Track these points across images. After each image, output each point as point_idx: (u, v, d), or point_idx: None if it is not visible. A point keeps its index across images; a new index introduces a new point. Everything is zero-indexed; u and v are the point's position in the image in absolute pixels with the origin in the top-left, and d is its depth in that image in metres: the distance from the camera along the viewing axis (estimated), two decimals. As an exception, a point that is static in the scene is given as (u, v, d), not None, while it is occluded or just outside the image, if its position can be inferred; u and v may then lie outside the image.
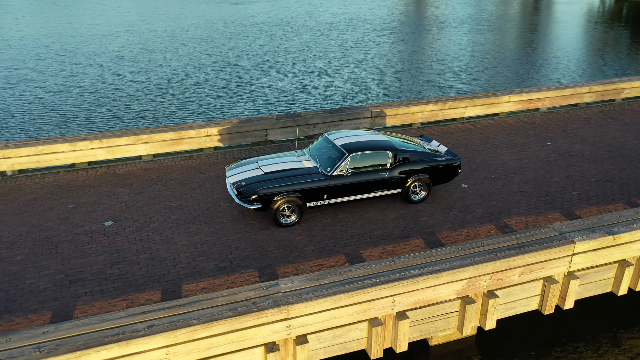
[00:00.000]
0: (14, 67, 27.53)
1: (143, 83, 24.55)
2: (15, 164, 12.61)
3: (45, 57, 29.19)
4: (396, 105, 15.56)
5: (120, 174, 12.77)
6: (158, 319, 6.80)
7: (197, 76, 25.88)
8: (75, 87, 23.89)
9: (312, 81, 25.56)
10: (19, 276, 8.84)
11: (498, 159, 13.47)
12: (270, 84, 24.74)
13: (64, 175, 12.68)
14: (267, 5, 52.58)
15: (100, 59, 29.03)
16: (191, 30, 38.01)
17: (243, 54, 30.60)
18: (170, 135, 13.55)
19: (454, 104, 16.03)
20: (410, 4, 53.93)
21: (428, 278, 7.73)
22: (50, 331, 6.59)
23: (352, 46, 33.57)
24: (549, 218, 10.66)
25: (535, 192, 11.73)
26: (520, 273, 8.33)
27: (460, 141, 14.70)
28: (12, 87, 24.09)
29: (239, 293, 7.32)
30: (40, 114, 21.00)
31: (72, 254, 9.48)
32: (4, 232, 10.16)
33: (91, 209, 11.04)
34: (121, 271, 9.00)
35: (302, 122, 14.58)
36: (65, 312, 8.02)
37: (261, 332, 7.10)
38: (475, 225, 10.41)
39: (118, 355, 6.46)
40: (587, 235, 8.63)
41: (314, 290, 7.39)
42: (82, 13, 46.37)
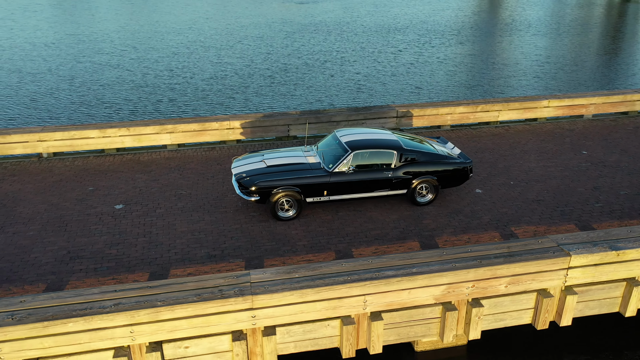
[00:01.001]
0: (78, 60, 29.36)
1: (191, 79, 25.41)
2: (50, 147, 13.47)
3: (108, 52, 30.91)
4: (424, 106, 15.20)
5: (143, 161, 13.32)
6: (126, 298, 7.06)
7: (244, 73, 26.45)
8: (127, 80, 25.12)
9: (357, 82, 25.43)
10: (27, 250, 9.45)
11: (523, 166, 12.84)
12: (315, 84, 24.86)
13: (93, 160, 13.40)
14: (330, 5, 52.85)
15: (157, 54, 30.35)
16: (250, 29, 38.90)
17: (294, 53, 30.94)
18: (194, 127, 13.97)
19: (486, 107, 15.44)
20: (481, 6, 52.40)
21: (402, 280, 7.51)
22: (26, 301, 7.01)
23: (405, 48, 33.07)
24: (560, 229, 10.05)
25: (553, 202, 11.08)
26: (508, 283, 7.92)
27: (488, 145, 14.13)
28: (72, 78, 25.69)
29: (209, 280, 7.45)
30: (91, 103, 22.27)
31: (79, 232, 10.01)
32: (25, 209, 10.89)
33: (107, 193, 11.60)
34: (118, 252, 9.40)
35: (325, 119, 14.57)
36: (58, 285, 8.49)
37: (225, 320, 7.19)
38: (479, 231, 9.99)
39: (83, 329, 6.77)
40: (586, 249, 8.06)
41: (282, 283, 7.39)
42: (153, 10, 48.64)
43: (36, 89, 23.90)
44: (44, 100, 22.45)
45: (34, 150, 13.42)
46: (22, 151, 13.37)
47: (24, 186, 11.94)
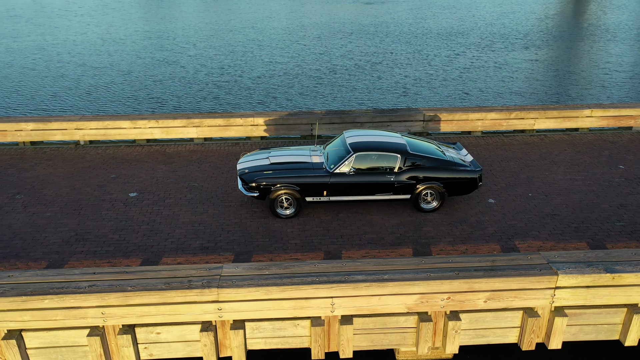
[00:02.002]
0: (140, 56, 30.93)
1: (239, 77, 26.05)
2: (85, 135, 14.34)
3: (169, 48, 32.34)
4: (453, 111, 14.74)
5: (168, 152, 13.86)
6: (101, 281, 7.42)
7: (293, 73, 26.76)
8: (179, 76, 26.17)
9: (404, 85, 25.04)
10: (40, 229, 10.14)
11: (547, 177, 12.14)
12: (359, 86, 24.73)
13: (123, 149, 14.11)
14: (397, 5, 52.32)
15: (214, 52, 31.38)
16: (310, 29, 39.28)
17: (347, 54, 30.91)
18: (219, 122, 14.35)
19: (521, 114, 14.73)
20: (560, 8, 49.93)
21: (371, 286, 7.37)
22: (14, 276, 7.54)
23: (463, 52, 32.13)
24: (568, 247, 9.43)
25: (570, 217, 10.41)
26: (487, 298, 7.55)
27: (516, 154, 13.48)
28: (128, 72, 27.10)
29: (182, 270, 7.67)
30: (140, 97, 23.40)
31: (90, 216, 10.60)
32: (50, 191, 11.66)
33: (127, 181, 12.19)
34: (120, 237, 9.87)
35: (349, 120, 14.49)
36: (59, 264, 9.05)
37: (192, 310, 7.38)
38: (479, 243, 9.58)
39: (57, 307, 7.18)
40: (577, 269, 7.53)
41: (250, 278, 7.47)
42: (224, 9, 50.26)
43: (93, 82, 25.46)
44: (97, 93, 23.87)
45: (71, 137, 14.33)
46: (61, 138, 14.31)
47: (56, 170, 12.79)
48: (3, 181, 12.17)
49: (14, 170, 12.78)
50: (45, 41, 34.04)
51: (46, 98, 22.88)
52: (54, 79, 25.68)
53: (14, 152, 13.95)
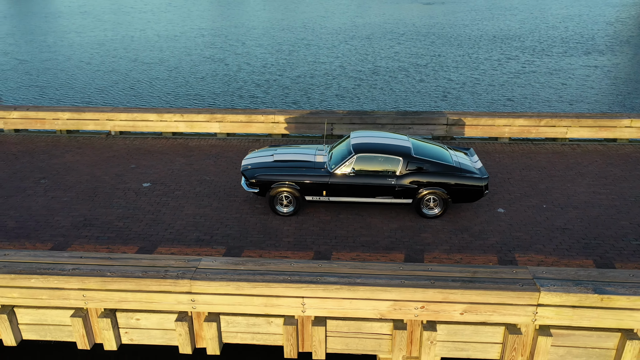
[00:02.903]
0: (189, 53, 31.92)
1: (280, 76, 26.32)
2: (116, 126, 14.99)
3: (219, 46, 33.18)
4: (478, 115, 14.24)
5: (190, 146, 14.25)
6: (84, 265, 7.75)
7: (335, 74, 26.71)
8: (221, 73, 26.79)
9: (446, 89, 24.42)
10: (54, 213, 10.71)
11: (568, 189, 11.49)
12: (400, 88, 24.36)
13: (150, 141, 14.64)
14: (457, 6, 51.11)
15: (261, 50, 31.89)
16: (361, 29, 39.11)
17: (394, 55, 30.52)
18: (241, 118, 14.59)
19: (552, 122, 14.01)
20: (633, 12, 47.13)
21: (342, 288, 7.27)
22: (9, 255, 8.02)
23: (516, 56, 30.93)
24: (572, 263, 8.88)
25: (581, 232, 9.81)
26: (464, 311, 7.25)
27: (541, 163, 12.85)
28: (174, 68, 28.02)
29: (161, 260, 7.88)
30: (180, 92, 24.14)
31: (102, 203, 11.08)
32: (72, 178, 12.29)
33: (144, 171, 12.64)
34: (124, 225, 10.26)
35: (369, 121, 14.33)
36: (62, 247, 9.53)
37: (167, 299, 7.56)
38: (476, 253, 9.22)
39: (42, 286, 7.57)
40: (563, 287, 7.09)
41: (224, 272, 7.56)
42: (281, 8, 50.95)
43: (139, 76, 26.54)
44: (140, 87, 24.86)
45: (103, 127, 15.02)
46: (93, 127, 15.04)
47: (82, 158, 13.46)
48: (33, 166, 12.95)
49: (46, 157, 13.57)
50: (106, 37, 35.84)
51: (93, 91, 24.10)
52: (105, 73, 27.00)
53: (50, 139, 14.80)
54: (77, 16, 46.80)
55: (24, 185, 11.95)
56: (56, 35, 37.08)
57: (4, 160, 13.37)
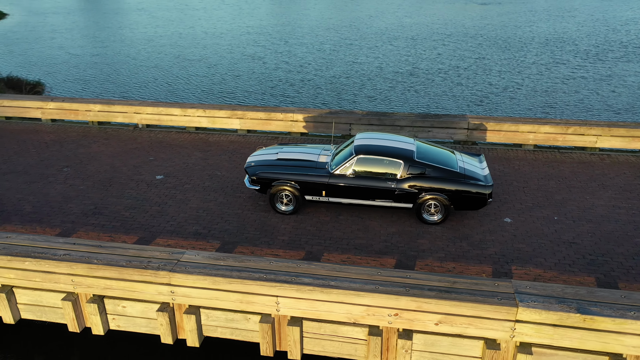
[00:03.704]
0: (231, 50, 32.46)
1: (314, 76, 26.30)
2: (142, 119, 15.51)
3: (262, 44, 33.58)
4: (501, 120, 13.73)
5: (210, 141, 14.55)
6: (75, 251, 8.08)
7: (372, 74, 26.42)
8: (258, 72, 27.06)
9: (484, 93, 23.66)
10: (69, 200, 11.22)
11: (585, 202, 10.90)
12: (435, 91, 23.82)
13: (173, 135, 15.06)
14: (512, 7, 49.48)
15: (302, 49, 32.00)
16: (407, 29, 38.56)
17: (436, 57, 29.88)
18: (261, 115, 14.74)
19: (580, 130, 13.33)
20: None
21: (314, 290, 7.22)
22: (10, 237, 8.47)
23: (567, 60, 29.52)
24: (571, 280, 8.42)
25: (590, 248, 9.28)
26: (439, 321, 7.03)
27: (563, 173, 12.25)
28: (214, 65, 28.61)
29: (147, 250, 8.09)
30: (215, 90, 24.62)
31: (114, 193, 11.50)
32: (92, 167, 12.83)
33: (160, 164, 13.02)
34: (130, 215, 10.61)
35: (388, 123, 14.13)
36: (69, 233, 9.97)
37: (148, 289, 7.77)
38: (470, 263, 8.91)
39: (34, 269, 7.96)
40: (543, 304, 6.73)
41: (204, 267, 7.68)
42: (330, 7, 51.03)
43: (179, 72, 27.23)
44: (177, 83, 25.54)
45: (130, 120, 15.58)
46: (122, 120, 15.63)
47: (107, 149, 14.02)
48: (60, 155, 13.61)
49: (73, 146, 14.23)
50: (155, 33, 37.09)
51: (132, 85, 25.00)
52: (147, 68, 27.94)
53: (81, 130, 15.51)
54: (134, 13, 48.71)
55: (47, 172, 12.58)
56: (110, 31, 38.76)
57: (36, 148, 14.13)
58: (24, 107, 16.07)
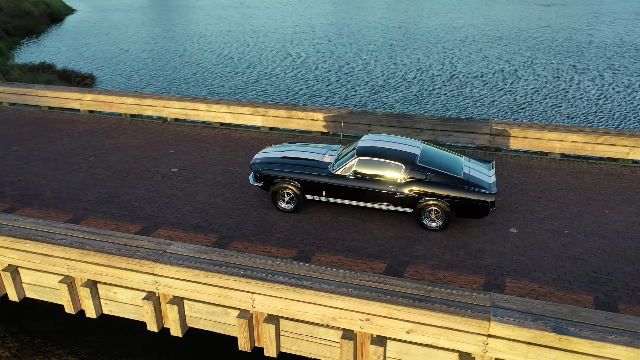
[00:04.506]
0: (272, 49, 32.76)
1: (351, 76, 26.12)
2: (171, 113, 16.00)
3: (306, 43, 33.74)
4: (526, 127, 13.18)
5: (232, 137, 14.81)
6: (72, 237, 8.45)
7: (410, 77, 25.97)
8: (296, 70, 27.18)
9: (525, 100, 22.73)
10: (86, 188, 11.74)
11: (604, 216, 10.28)
12: (472, 95, 23.10)
13: (198, 130, 15.45)
14: (576, 9, 47.30)
15: (344, 49, 31.87)
16: (457, 31, 37.64)
17: (481, 61, 28.97)
18: (282, 113, 14.85)
19: (611, 140, 12.58)
20: None
21: (287, 289, 7.21)
22: (18, 220, 8.98)
23: (624, 66, 27.90)
24: (567, 297, 7.98)
25: (595, 265, 8.75)
26: (410, 330, 6.86)
27: (587, 185, 11.61)
28: (254, 64, 28.93)
29: (137, 240, 8.35)
30: (250, 88, 24.93)
31: (129, 184, 11.94)
32: (115, 157, 13.36)
33: (179, 157, 13.38)
34: (139, 205, 10.98)
35: (408, 125, 13.89)
36: (79, 218, 10.44)
37: (134, 277, 8.02)
38: (463, 272, 8.62)
39: (34, 251, 8.40)
40: (518, 320, 6.42)
41: (186, 259, 7.85)
42: (380, 7, 50.58)
43: (219, 69, 27.80)
44: (215, 80, 26.07)
45: (159, 114, 16.11)
46: (151, 113, 16.18)
47: (133, 140, 14.57)
48: (89, 144, 14.27)
49: (103, 137, 14.87)
50: (205, 30, 38.06)
51: (172, 82, 25.76)
52: (191, 65, 28.71)
53: (114, 121, 16.19)
54: (190, 10, 50.23)
55: (73, 160, 13.22)
56: (163, 28, 40.14)
57: (70, 137, 14.87)
58: (65, 98, 16.95)
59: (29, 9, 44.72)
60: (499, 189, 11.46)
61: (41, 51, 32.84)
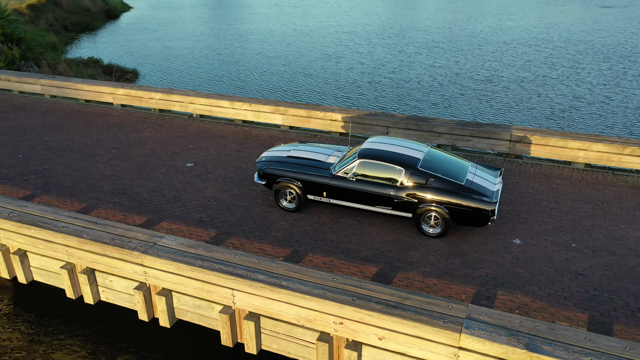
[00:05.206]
0: (312, 49, 32.81)
1: (385, 77, 25.78)
2: (196, 109, 16.37)
3: (344, 43, 33.59)
4: (548, 134, 12.66)
5: (252, 134, 15.01)
6: (73, 225, 8.82)
7: (444, 80, 25.41)
8: (330, 71, 27.07)
9: (565, 107, 21.77)
10: (104, 179, 12.21)
11: (618, 231, 9.75)
12: (506, 101, 22.36)
13: (220, 126, 15.75)
14: (639, 10, 44.95)
15: (382, 50, 31.52)
16: (503, 33, 36.54)
17: (524, 64, 27.99)
18: (302, 112, 14.91)
19: (638, 151, 11.89)
20: None
21: (264, 288, 7.25)
22: (28, 207, 9.45)
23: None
24: (559, 314, 7.62)
25: (597, 282, 8.31)
26: (382, 336, 6.75)
27: (607, 198, 11.05)
28: (291, 63, 29.07)
29: (133, 231, 8.61)
30: (282, 87, 25.07)
31: (144, 176, 12.31)
32: (136, 151, 13.81)
33: (196, 152, 13.69)
34: (149, 198, 11.31)
35: (426, 128, 13.63)
36: (91, 208, 10.87)
37: (125, 267, 8.28)
38: (454, 282, 8.39)
39: (38, 237, 8.81)
40: (490, 334, 6.19)
41: (173, 252, 8.03)
42: (429, 7, 49.77)
43: (255, 68, 28.09)
44: (249, 78, 26.40)
45: (186, 109, 16.52)
46: (178, 108, 16.62)
47: (156, 135, 15.01)
48: (115, 137, 14.82)
49: (129, 130, 15.41)
50: (249, 29, 38.64)
51: (204, 79, 26.27)
52: (227, 63, 29.19)
53: (143, 115, 16.73)
54: (237, 8, 51.15)
55: (97, 152, 13.77)
56: (209, 26, 41.05)
57: (99, 129, 15.50)
58: (99, 91, 17.67)
59: (87, 6, 46.84)
60: (510, 197, 11.07)
61: (93, 46, 34.32)
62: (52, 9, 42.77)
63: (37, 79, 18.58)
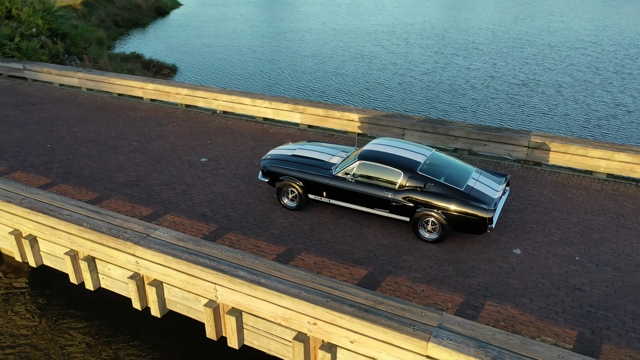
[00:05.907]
0: (348, 48, 32.60)
1: (417, 80, 25.33)
2: (219, 105, 16.69)
3: (379, 43, 33.25)
4: (568, 141, 12.17)
5: (270, 132, 15.17)
6: (77, 213, 9.19)
7: (479, 84, 24.72)
8: (361, 71, 26.84)
9: (600, 115, 20.83)
10: (121, 170, 12.64)
11: (627, 246, 9.27)
12: (540, 107, 21.54)
13: (241, 123, 15.99)
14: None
15: (419, 51, 31.02)
16: (550, 35, 35.28)
17: (565, 68, 26.90)
18: (320, 112, 14.94)
19: (664, 163, 11.26)
20: None
21: (243, 284, 7.34)
22: (40, 194, 9.92)
23: None
24: (547, 329, 7.32)
25: (594, 298, 7.93)
26: (354, 340, 6.70)
27: (625, 211, 10.53)
28: (324, 62, 29.00)
29: (129, 222, 8.89)
30: (311, 87, 25.08)
31: (159, 169, 12.67)
32: (156, 144, 14.22)
33: (213, 148, 13.96)
34: (159, 190, 11.64)
35: (442, 131, 13.38)
36: (103, 198, 11.29)
37: (119, 256, 8.57)
38: (444, 289, 8.21)
39: (44, 223, 9.24)
40: (457, 345, 6.03)
41: (164, 245, 8.24)
42: (475, 8, 48.65)
43: (285, 66, 28.23)
44: (277, 77, 26.55)
45: (209, 105, 16.87)
46: (203, 104, 16.99)
47: (177, 129, 15.41)
48: (138, 130, 15.31)
49: (153, 124, 15.88)
50: (288, 27, 38.91)
51: (237, 77, 26.62)
52: (261, 61, 29.47)
53: (169, 110, 17.20)
54: (280, 6, 51.62)
55: (119, 144, 14.27)
56: (250, 23, 41.63)
57: (126, 122, 16.06)
58: (130, 86, 18.29)
59: (138, 3, 48.46)
60: (519, 205, 10.72)
61: (139, 42, 35.49)
62: (104, 5, 44.53)
63: (75, 72, 19.42)
